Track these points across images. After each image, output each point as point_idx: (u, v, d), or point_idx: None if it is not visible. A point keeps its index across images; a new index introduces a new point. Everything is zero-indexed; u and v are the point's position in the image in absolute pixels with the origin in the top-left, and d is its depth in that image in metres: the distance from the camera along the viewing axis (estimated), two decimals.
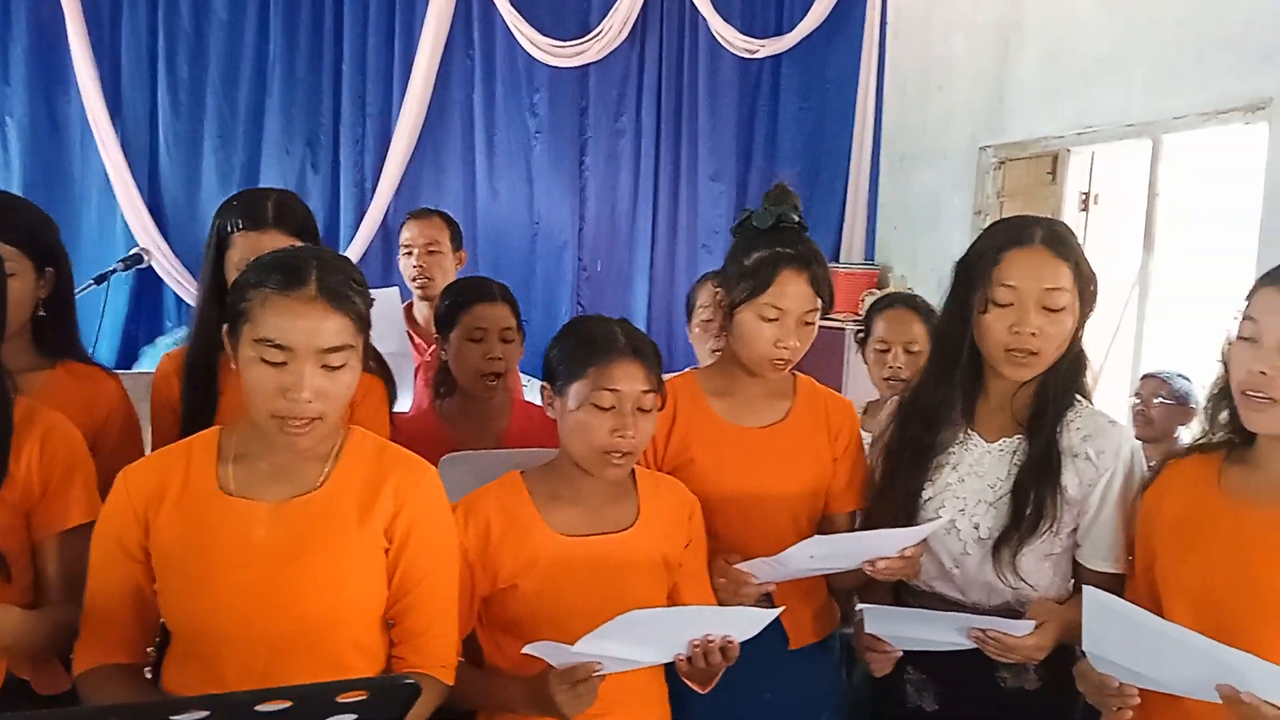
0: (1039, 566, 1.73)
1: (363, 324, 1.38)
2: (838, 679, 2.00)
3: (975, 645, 1.64)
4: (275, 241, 1.76)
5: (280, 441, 1.35)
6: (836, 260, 5.46)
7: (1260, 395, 1.42)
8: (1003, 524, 1.70)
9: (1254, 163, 3.27)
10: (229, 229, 1.86)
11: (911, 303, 2.66)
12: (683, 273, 5.40)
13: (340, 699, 1.08)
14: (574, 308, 5.52)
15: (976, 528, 1.73)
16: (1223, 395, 1.53)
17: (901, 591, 1.85)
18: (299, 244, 1.73)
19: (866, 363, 2.67)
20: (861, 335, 2.70)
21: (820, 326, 1.83)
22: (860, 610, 1.66)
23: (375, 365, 2.02)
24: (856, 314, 5.01)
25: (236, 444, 1.42)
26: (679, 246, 5.57)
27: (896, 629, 1.68)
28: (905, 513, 1.72)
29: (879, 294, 4.99)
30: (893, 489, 1.78)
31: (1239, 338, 1.47)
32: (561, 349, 1.65)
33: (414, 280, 3.05)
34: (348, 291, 1.36)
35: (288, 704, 1.04)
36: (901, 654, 1.71)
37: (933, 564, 1.77)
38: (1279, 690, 1.23)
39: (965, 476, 1.75)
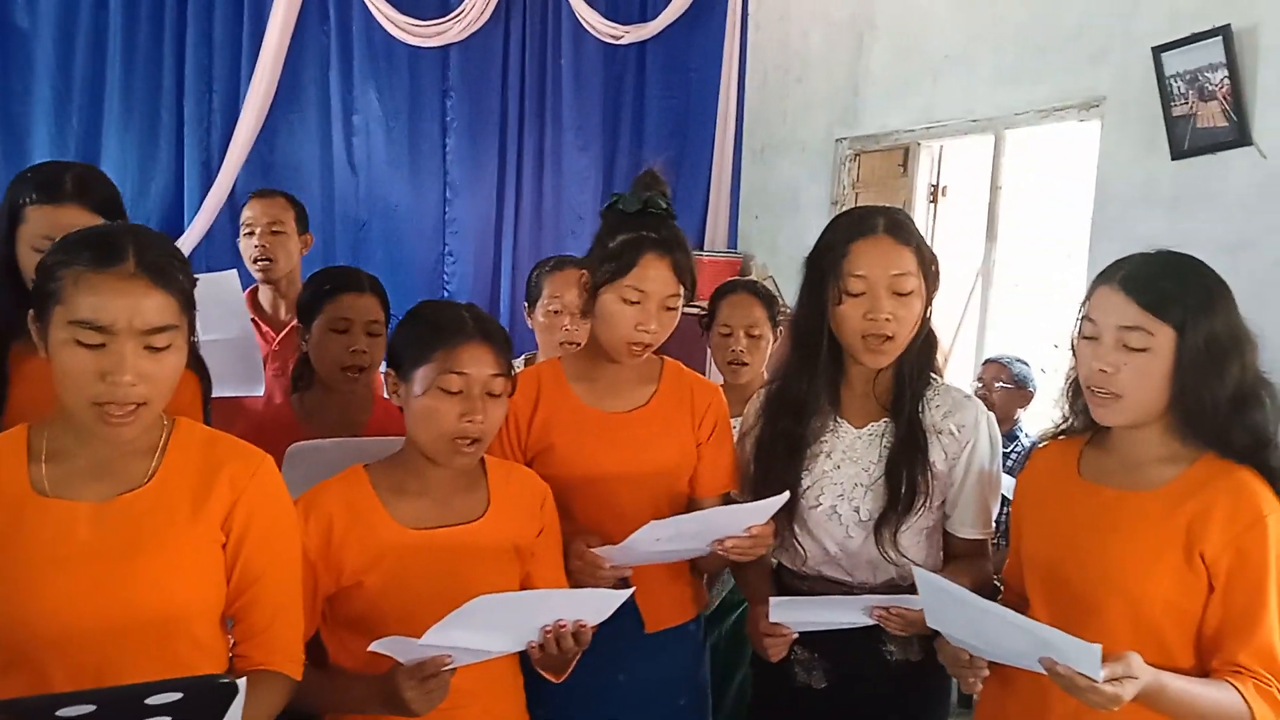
0: (917, 541, 1.80)
1: (187, 303, 1.30)
2: (699, 662, 2.00)
3: (877, 622, 1.67)
4: (73, 217, 1.65)
5: (101, 433, 1.26)
6: (701, 248, 5.53)
7: (1104, 391, 1.49)
8: (881, 505, 1.76)
9: (1087, 158, 3.46)
10: (22, 201, 1.71)
11: (753, 288, 2.74)
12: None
13: (151, 701, 1.02)
14: (440, 293, 5.42)
15: (857, 511, 1.78)
16: (1078, 385, 1.59)
17: (787, 576, 1.87)
18: (103, 222, 1.61)
19: (710, 347, 2.71)
20: (706, 320, 2.74)
21: (684, 313, 1.84)
22: (773, 602, 1.67)
23: (189, 358, 1.91)
24: None
25: (49, 441, 1.32)
26: (544, 233, 5.53)
27: (800, 616, 1.71)
28: (787, 504, 1.72)
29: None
30: (770, 482, 1.80)
31: (1081, 336, 1.54)
32: (407, 333, 1.61)
33: (255, 262, 2.90)
34: (170, 268, 1.27)
35: (91, 708, 0.98)
36: (796, 636, 1.73)
37: (817, 549, 1.82)
38: (1088, 661, 1.29)
39: (840, 463, 1.80)
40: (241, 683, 1.12)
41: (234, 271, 2.55)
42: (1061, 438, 1.67)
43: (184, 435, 1.38)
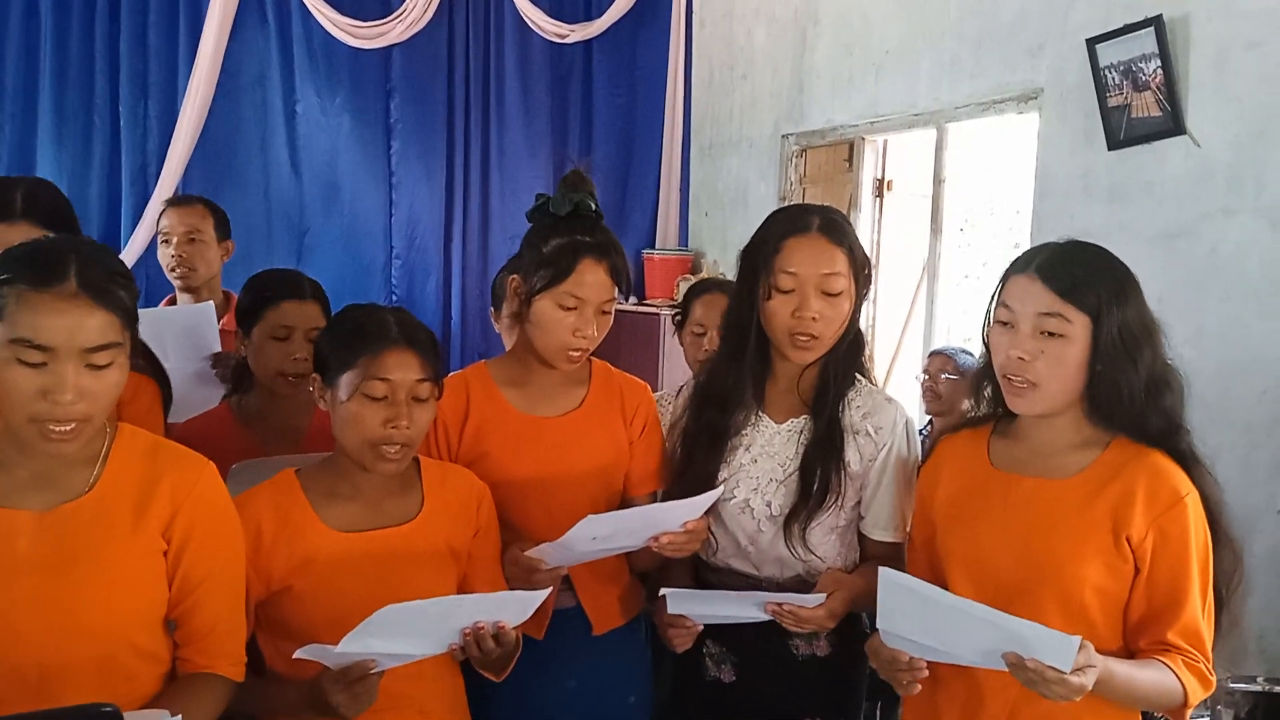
0: (826, 539, 1.81)
1: (129, 319, 1.31)
2: (645, 660, 2.00)
3: (772, 618, 1.69)
4: (25, 234, 1.65)
5: (42, 448, 1.27)
6: (652, 246, 5.52)
7: (1019, 379, 1.50)
8: (792, 500, 1.77)
9: (1027, 150, 3.50)
10: None
11: (725, 288, 2.74)
12: (497, 261, 5.32)
13: None
14: (388, 297, 5.35)
15: (769, 505, 1.79)
16: (985, 373, 1.61)
17: (699, 569, 1.89)
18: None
19: (683, 345, 2.74)
20: (679, 319, 2.76)
21: (637, 312, 1.84)
22: (662, 593, 1.68)
23: (145, 364, 1.89)
24: (672, 299, 5.08)
25: None
26: (494, 234, 5.49)
27: (698, 608, 1.72)
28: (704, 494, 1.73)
29: (693, 279, 5.09)
30: (690, 471, 1.82)
31: (996, 322, 1.54)
32: (331, 339, 1.60)
33: (173, 270, 2.90)
34: (112, 285, 1.28)
35: None
36: (702, 629, 1.75)
37: (729, 542, 1.83)
38: (1061, 654, 1.28)
39: (758, 457, 1.81)
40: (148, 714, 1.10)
41: (210, 304, 2.58)
42: (965, 428, 1.68)
43: (126, 444, 1.38)
